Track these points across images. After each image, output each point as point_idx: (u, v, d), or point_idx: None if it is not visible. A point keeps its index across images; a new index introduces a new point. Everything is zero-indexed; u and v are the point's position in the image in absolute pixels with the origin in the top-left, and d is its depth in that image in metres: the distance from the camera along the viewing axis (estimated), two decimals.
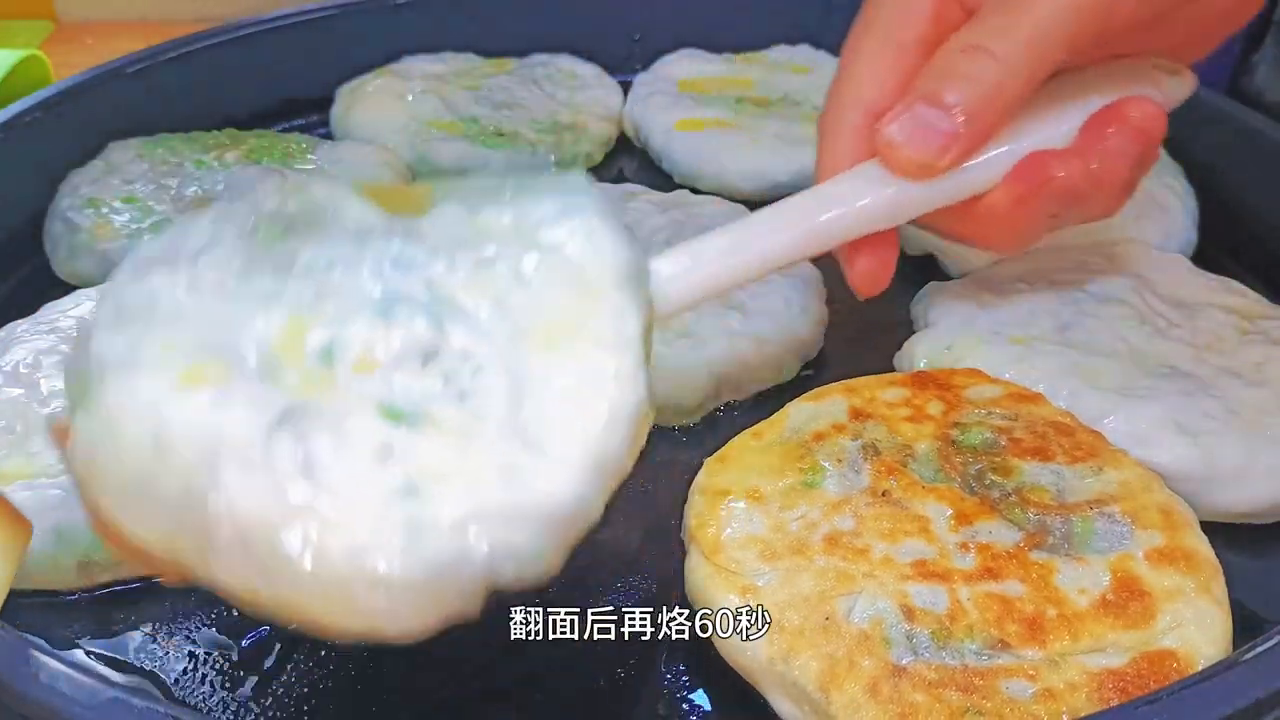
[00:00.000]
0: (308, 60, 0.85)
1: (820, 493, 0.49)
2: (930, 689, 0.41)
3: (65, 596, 0.50)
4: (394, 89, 0.82)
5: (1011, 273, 0.64)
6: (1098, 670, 0.42)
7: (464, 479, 0.35)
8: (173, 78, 0.80)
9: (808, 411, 0.54)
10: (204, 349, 0.37)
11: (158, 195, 0.70)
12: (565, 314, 0.38)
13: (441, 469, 0.35)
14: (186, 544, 0.35)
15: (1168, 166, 0.74)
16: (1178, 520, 0.48)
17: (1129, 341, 0.58)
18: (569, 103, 0.84)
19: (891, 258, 0.52)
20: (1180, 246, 0.69)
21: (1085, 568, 0.45)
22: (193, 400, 0.35)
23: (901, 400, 0.54)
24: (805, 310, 0.63)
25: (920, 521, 0.47)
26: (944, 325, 0.61)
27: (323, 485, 0.34)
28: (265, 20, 0.84)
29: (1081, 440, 0.52)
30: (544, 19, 0.91)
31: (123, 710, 0.37)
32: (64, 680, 0.38)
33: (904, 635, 0.43)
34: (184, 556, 0.35)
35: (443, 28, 0.89)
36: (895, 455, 0.51)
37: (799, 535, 0.47)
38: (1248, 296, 0.63)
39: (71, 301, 0.62)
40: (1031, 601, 0.44)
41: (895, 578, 0.45)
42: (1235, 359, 0.57)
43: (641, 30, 0.91)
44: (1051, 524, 0.47)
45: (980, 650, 0.43)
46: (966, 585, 0.45)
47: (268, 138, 0.78)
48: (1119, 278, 0.62)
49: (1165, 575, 0.45)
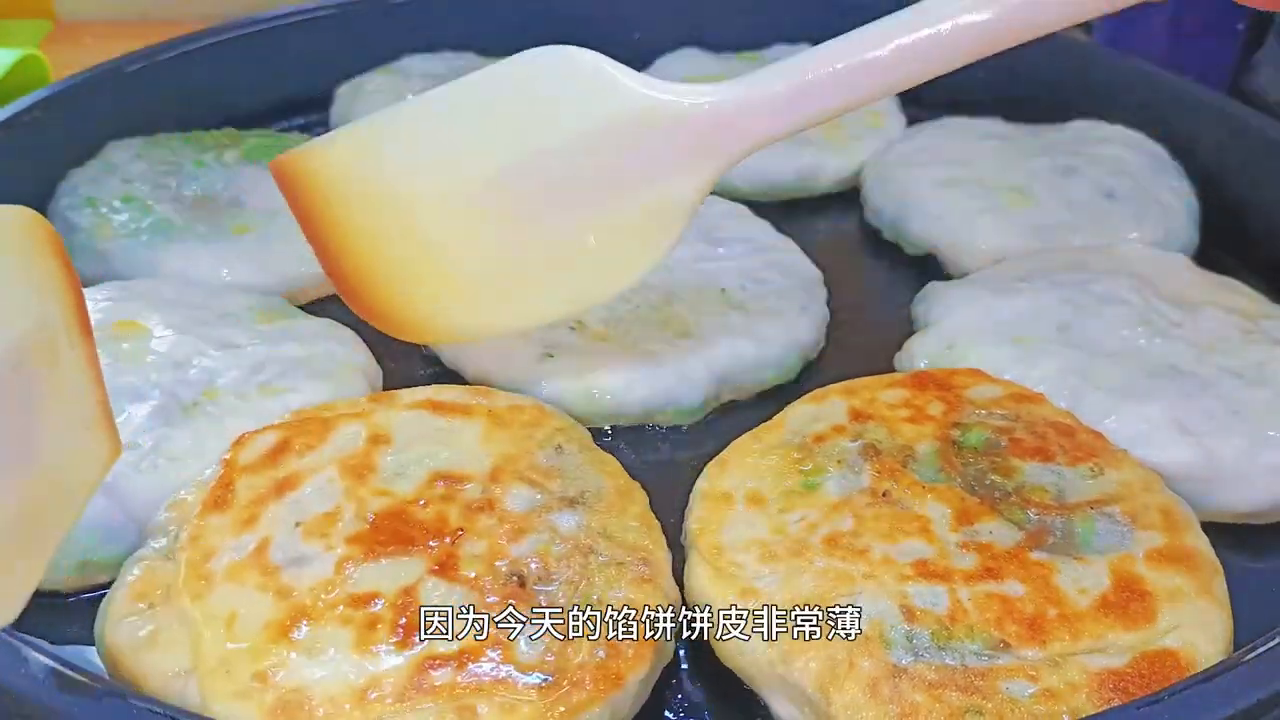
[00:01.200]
0: (308, 60, 0.85)
1: (820, 494, 0.49)
2: (930, 689, 0.41)
3: (65, 597, 0.50)
4: (394, 89, 0.82)
5: (1012, 272, 0.64)
6: (1098, 670, 0.42)
7: None
8: (172, 77, 0.79)
9: (808, 413, 0.54)
10: None
11: (157, 195, 0.70)
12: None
13: None
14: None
15: (1169, 166, 0.74)
16: (1178, 521, 0.48)
17: (1130, 341, 0.58)
18: None
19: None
20: (1181, 246, 0.69)
21: (1086, 568, 0.45)
22: None
23: (902, 401, 0.54)
24: (805, 310, 0.63)
25: (920, 522, 0.47)
26: (945, 325, 0.61)
27: None
28: (265, 20, 0.84)
29: (1082, 440, 0.52)
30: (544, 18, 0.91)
31: (123, 710, 0.37)
32: (64, 680, 0.38)
33: (904, 636, 0.43)
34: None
35: (442, 27, 0.89)
36: (895, 456, 0.51)
37: (799, 537, 0.47)
38: (1249, 296, 0.63)
39: None
40: (1032, 601, 0.44)
41: (895, 578, 0.45)
42: (1236, 359, 0.57)
43: (641, 30, 0.91)
44: (1052, 524, 0.47)
45: (980, 650, 0.43)
46: (967, 585, 0.45)
47: (267, 137, 0.77)
48: (1120, 277, 0.62)
49: (1166, 575, 0.45)
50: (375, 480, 0.48)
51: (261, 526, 0.47)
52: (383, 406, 0.53)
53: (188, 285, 0.63)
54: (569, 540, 0.46)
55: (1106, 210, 0.70)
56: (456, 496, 0.48)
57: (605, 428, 0.58)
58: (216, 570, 0.45)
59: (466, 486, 0.48)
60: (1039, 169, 0.72)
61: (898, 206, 0.73)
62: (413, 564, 0.45)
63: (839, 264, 0.71)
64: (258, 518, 0.47)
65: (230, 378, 0.55)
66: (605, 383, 0.58)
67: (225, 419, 0.53)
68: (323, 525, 0.46)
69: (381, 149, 0.49)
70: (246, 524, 0.47)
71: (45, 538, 0.39)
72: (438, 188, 0.49)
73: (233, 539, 0.46)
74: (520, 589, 0.44)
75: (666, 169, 0.47)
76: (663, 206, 0.48)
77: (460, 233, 0.49)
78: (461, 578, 0.44)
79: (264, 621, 0.43)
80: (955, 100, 0.83)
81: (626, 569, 0.45)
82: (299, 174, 0.51)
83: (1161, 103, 0.77)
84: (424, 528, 0.46)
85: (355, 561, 0.45)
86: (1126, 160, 0.73)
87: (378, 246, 0.50)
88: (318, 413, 0.53)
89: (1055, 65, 0.83)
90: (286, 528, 0.46)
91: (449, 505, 0.47)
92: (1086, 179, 0.71)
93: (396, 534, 0.46)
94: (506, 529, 0.46)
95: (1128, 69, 0.80)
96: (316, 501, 0.48)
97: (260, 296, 0.63)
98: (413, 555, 0.45)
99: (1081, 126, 0.77)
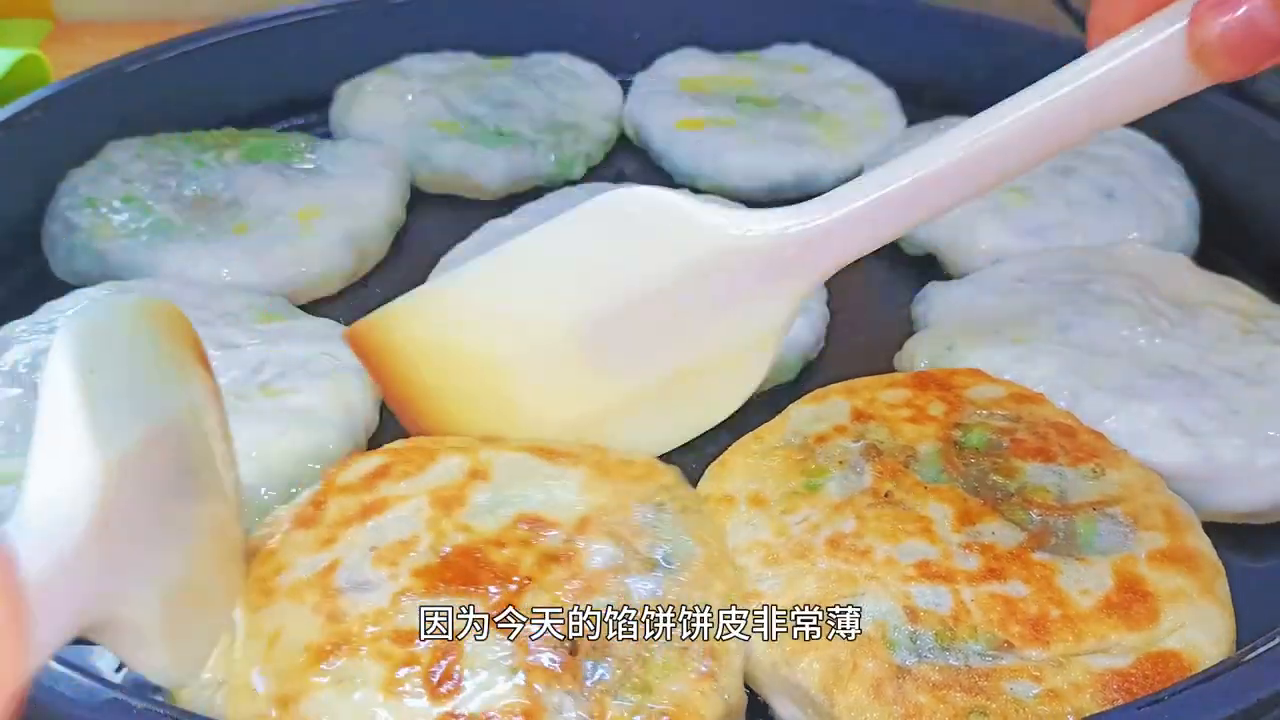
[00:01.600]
0: (308, 60, 0.85)
1: (822, 495, 0.49)
2: (934, 690, 0.41)
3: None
4: (394, 88, 0.82)
5: (1012, 272, 0.64)
6: (1101, 671, 0.42)
7: None
8: (172, 77, 0.79)
9: (809, 413, 0.54)
10: None
11: (157, 194, 0.70)
12: None
13: None
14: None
15: (1169, 166, 0.74)
16: (1180, 521, 0.48)
17: (1130, 341, 0.58)
18: (569, 102, 0.83)
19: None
20: (1181, 246, 0.69)
21: (1088, 568, 0.45)
22: None
23: (903, 401, 0.54)
24: (805, 310, 0.63)
25: (923, 522, 0.47)
26: (945, 325, 0.61)
27: None
28: (265, 20, 0.84)
29: (1083, 441, 0.52)
30: (544, 18, 0.91)
31: (123, 710, 0.37)
32: (64, 680, 0.38)
33: (907, 636, 0.43)
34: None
35: (443, 27, 0.89)
36: (897, 456, 0.50)
37: (801, 539, 0.47)
38: (1249, 296, 0.63)
39: (71, 301, 0.62)
40: (1035, 602, 0.44)
41: (898, 579, 0.45)
42: (1237, 359, 0.57)
43: (641, 30, 0.91)
44: (1054, 524, 0.47)
45: (984, 651, 0.42)
46: (970, 586, 0.44)
47: (267, 137, 0.77)
48: (1120, 278, 0.62)
49: (1168, 576, 0.45)
50: (461, 514, 0.47)
51: (339, 547, 0.45)
52: (491, 446, 0.51)
53: (187, 285, 0.63)
54: (637, 610, 0.43)
55: (1106, 210, 0.70)
56: (535, 543, 0.45)
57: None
58: (281, 586, 0.44)
59: (549, 534, 0.46)
60: (1039, 169, 0.72)
61: None
62: (468, 607, 0.43)
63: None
64: (337, 538, 0.46)
65: (230, 378, 0.55)
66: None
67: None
68: (395, 553, 0.45)
69: (458, 313, 0.50)
70: (325, 543, 0.46)
71: (213, 599, 0.42)
72: (521, 347, 0.49)
73: (307, 556, 0.45)
74: (571, 656, 0.41)
75: (755, 298, 0.48)
76: (754, 333, 0.49)
77: (549, 388, 0.50)
78: (513, 631, 0.42)
79: (304, 644, 0.41)
80: (955, 100, 0.83)
81: (688, 660, 0.42)
82: (373, 341, 0.51)
83: None
84: (493, 570, 0.44)
85: (413, 595, 0.43)
86: (1126, 160, 0.73)
87: (462, 405, 0.51)
88: (427, 443, 0.51)
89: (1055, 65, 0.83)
90: (361, 551, 0.45)
91: (525, 551, 0.45)
92: (1086, 179, 0.71)
93: (463, 572, 0.44)
94: (576, 585, 0.44)
95: None
96: (396, 529, 0.46)
97: (260, 296, 0.63)
98: (472, 598, 0.43)
99: None
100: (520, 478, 0.49)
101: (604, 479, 0.49)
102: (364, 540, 0.46)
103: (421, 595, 0.43)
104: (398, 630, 0.42)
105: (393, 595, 0.43)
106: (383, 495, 0.48)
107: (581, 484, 0.48)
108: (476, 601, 0.43)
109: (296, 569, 0.45)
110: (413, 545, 0.45)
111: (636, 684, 0.41)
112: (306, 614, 0.43)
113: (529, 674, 0.40)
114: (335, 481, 0.49)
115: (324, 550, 0.45)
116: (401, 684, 0.40)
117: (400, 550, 0.45)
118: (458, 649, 0.41)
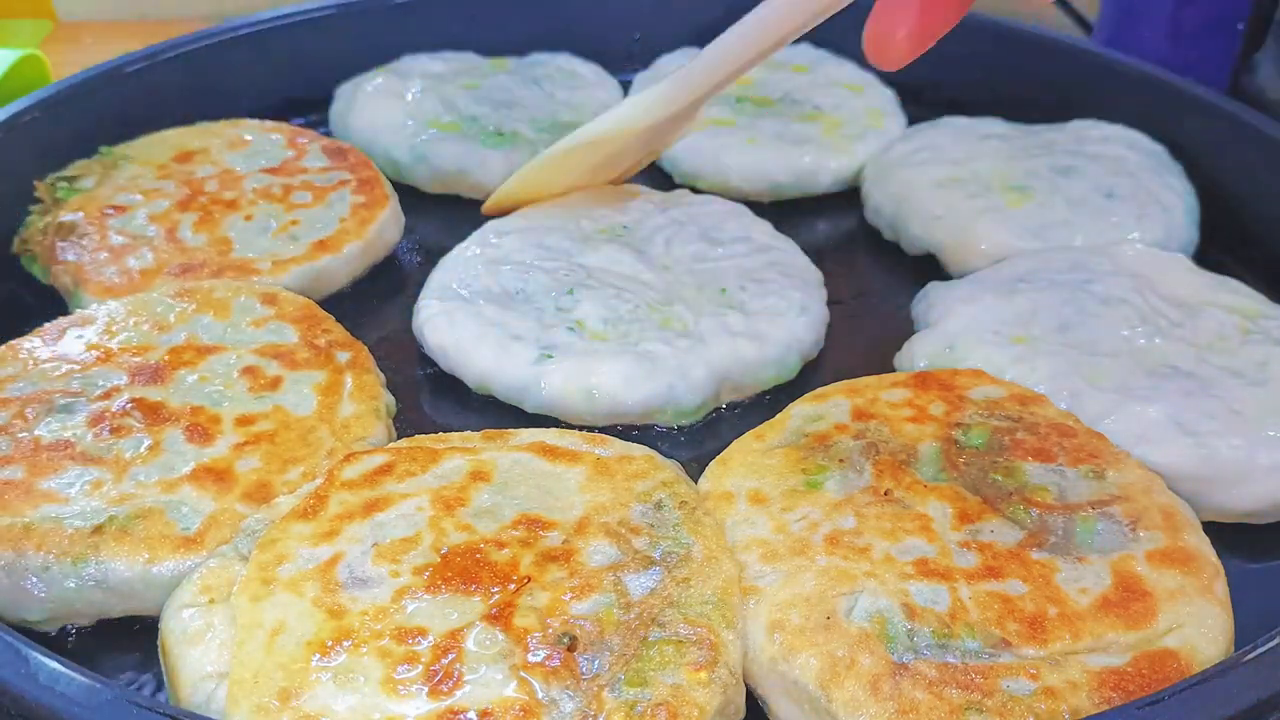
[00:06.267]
0: (308, 60, 0.85)
1: (822, 493, 0.49)
2: (931, 687, 0.41)
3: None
4: (394, 88, 0.82)
5: (1013, 272, 0.64)
6: (1098, 669, 0.42)
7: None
8: (172, 77, 0.80)
9: (810, 412, 0.54)
10: None
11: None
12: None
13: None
14: None
15: (1169, 166, 0.74)
16: (1179, 521, 0.48)
17: (1130, 341, 0.58)
18: (569, 102, 0.83)
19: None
20: (1181, 246, 0.69)
21: (1086, 567, 0.45)
22: None
23: (904, 400, 0.54)
24: (806, 310, 0.63)
25: (922, 521, 0.47)
26: (945, 325, 0.61)
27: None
28: (265, 20, 0.84)
29: (1084, 442, 0.52)
30: (544, 18, 0.91)
31: (123, 710, 0.37)
32: (64, 680, 0.38)
33: (905, 633, 0.43)
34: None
35: (443, 27, 0.89)
36: (897, 455, 0.51)
37: (801, 536, 0.47)
38: (1249, 296, 0.63)
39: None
40: (1033, 600, 0.44)
41: (897, 576, 0.45)
42: (1236, 359, 0.57)
43: (641, 30, 0.91)
44: (1053, 523, 0.47)
45: (981, 649, 0.43)
46: (968, 584, 0.45)
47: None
48: (1120, 278, 0.62)
49: (1166, 575, 0.45)
50: (463, 514, 0.47)
51: (340, 542, 0.46)
52: (493, 445, 0.51)
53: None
54: (635, 606, 0.44)
55: (1106, 210, 0.70)
56: (535, 543, 0.46)
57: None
58: (281, 576, 0.44)
59: (549, 534, 0.47)
60: (1039, 169, 0.73)
61: (897, 206, 0.73)
62: (468, 606, 0.43)
63: (839, 264, 0.71)
64: (339, 533, 0.46)
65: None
66: (605, 383, 0.57)
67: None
68: (396, 550, 0.45)
69: (536, 175, 0.72)
70: (326, 537, 0.46)
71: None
72: (566, 169, 0.72)
73: (308, 549, 0.45)
74: (569, 653, 0.42)
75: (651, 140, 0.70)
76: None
77: (575, 180, 0.72)
78: (513, 629, 0.42)
79: (307, 638, 0.42)
80: (955, 100, 0.83)
81: (685, 650, 0.42)
82: (503, 202, 0.73)
83: (1161, 103, 0.77)
84: (493, 570, 0.45)
85: (414, 593, 0.44)
86: (1126, 160, 0.73)
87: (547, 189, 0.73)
88: (429, 442, 0.52)
89: (1055, 65, 0.83)
90: (362, 547, 0.46)
91: (525, 551, 0.46)
92: (1086, 178, 0.72)
93: (464, 572, 0.45)
94: (574, 584, 0.44)
95: (1128, 69, 0.80)
96: (399, 526, 0.47)
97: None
98: (472, 597, 0.44)
99: (1081, 126, 0.77)
100: (522, 479, 0.49)
101: (604, 477, 0.50)
102: (366, 536, 0.46)
103: (423, 593, 0.44)
104: (399, 627, 0.42)
105: (394, 592, 0.44)
106: (386, 492, 0.48)
107: (581, 483, 0.49)
108: (477, 600, 0.43)
109: (297, 561, 0.45)
110: (414, 544, 0.46)
111: (634, 678, 0.41)
112: (308, 607, 0.43)
113: (527, 671, 0.41)
114: (338, 476, 0.49)
115: (325, 544, 0.46)
116: (401, 681, 0.41)
117: (401, 548, 0.46)
118: (458, 646, 0.42)
